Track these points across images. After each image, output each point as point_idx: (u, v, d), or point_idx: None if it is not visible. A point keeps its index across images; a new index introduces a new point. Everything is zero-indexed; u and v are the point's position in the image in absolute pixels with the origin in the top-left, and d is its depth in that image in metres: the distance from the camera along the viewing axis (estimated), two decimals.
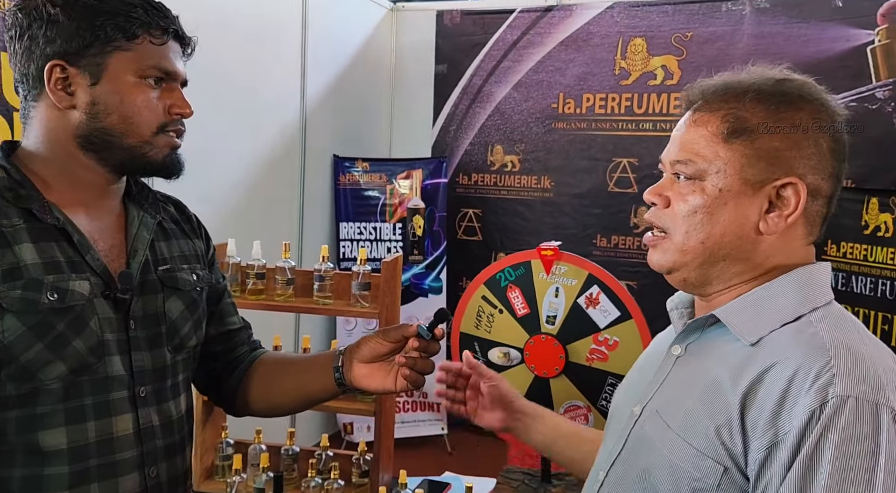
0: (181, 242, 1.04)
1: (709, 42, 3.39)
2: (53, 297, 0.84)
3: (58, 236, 0.87)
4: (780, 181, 0.77)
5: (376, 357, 1.00)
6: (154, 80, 0.91)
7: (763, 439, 0.70)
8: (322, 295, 1.78)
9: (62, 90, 0.88)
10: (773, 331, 0.76)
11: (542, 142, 3.74)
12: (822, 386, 0.68)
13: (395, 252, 3.59)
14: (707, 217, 0.79)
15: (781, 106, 0.77)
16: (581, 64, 3.63)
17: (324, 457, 1.77)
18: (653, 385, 0.85)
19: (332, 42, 3.47)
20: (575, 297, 1.84)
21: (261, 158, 3.02)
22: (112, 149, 0.91)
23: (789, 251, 0.79)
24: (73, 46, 0.87)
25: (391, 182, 3.63)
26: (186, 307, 0.99)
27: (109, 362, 0.88)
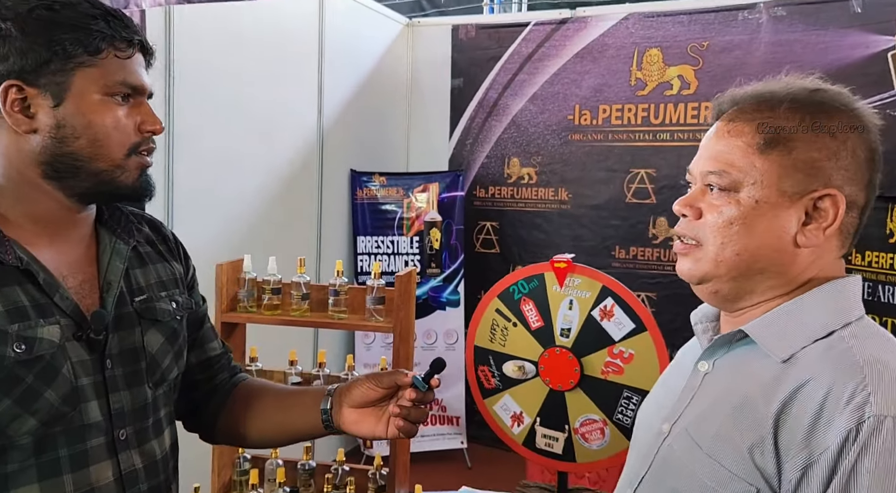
0: (158, 266, 0.97)
1: (725, 51, 3.37)
2: (21, 349, 0.76)
3: (21, 278, 0.79)
4: (818, 193, 0.75)
5: (367, 403, 0.96)
6: (121, 96, 0.83)
7: (797, 459, 0.68)
8: (337, 310, 1.78)
9: (20, 112, 0.79)
10: (804, 347, 0.74)
11: (559, 154, 3.73)
12: (858, 405, 0.66)
13: (412, 266, 3.60)
14: (744, 229, 0.77)
15: (818, 116, 0.76)
16: (597, 75, 3.63)
17: (340, 472, 1.77)
18: (681, 402, 0.84)
19: (348, 58, 3.51)
20: (589, 309, 1.83)
21: (279, 174, 3.05)
22: (79, 175, 0.82)
23: (823, 264, 0.78)
24: (29, 64, 0.78)
25: (408, 196, 3.64)
26: (167, 339, 0.93)
27: (85, 408, 0.81)
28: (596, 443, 1.80)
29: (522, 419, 1.92)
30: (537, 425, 1.89)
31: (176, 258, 1.01)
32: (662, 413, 0.86)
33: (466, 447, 3.68)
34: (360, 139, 3.67)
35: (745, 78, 3.18)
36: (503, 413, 1.93)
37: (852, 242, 0.80)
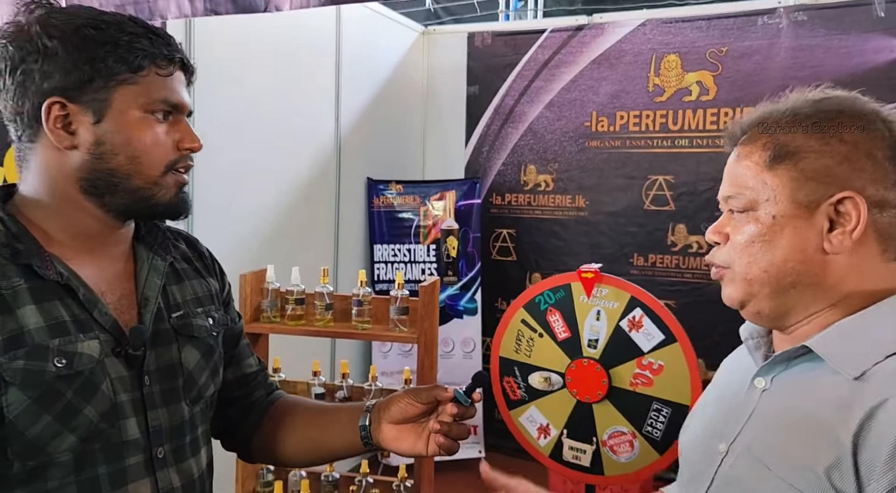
0: (194, 282, 0.96)
1: (745, 56, 3.34)
2: (61, 363, 0.76)
3: (61, 293, 0.79)
4: (834, 198, 0.74)
5: (407, 419, 0.94)
6: (161, 114, 0.83)
7: (882, 480, 0.67)
8: (361, 320, 1.77)
9: (62, 129, 0.79)
10: (877, 363, 0.72)
11: (576, 160, 3.71)
12: None
13: (429, 274, 3.59)
14: (765, 245, 0.77)
15: (822, 124, 0.76)
16: (614, 82, 3.61)
17: (364, 483, 1.76)
18: (738, 421, 0.82)
19: (365, 66, 3.52)
20: (617, 320, 1.81)
21: (296, 183, 3.06)
22: (117, 192, 0.82)
23: (865, 270, 0.76)
24: (72, 81, 0.78)
25: (425, 204, 3.64)
26: (203, 356, 0.92)
27: (124, 425, 0.81)
28: (625, 456, 1.78)
29: (549, 431, 1.90)
30: (564, 437, 1.87)
31: (212, 274, 1.01)
32: (716, 432, 0.84)
33: (484, 457, 3.66)
34: (376, 148, 3.68)
35: (765, 83, 3.18)
36: (529, 425, 1.91)
37: None
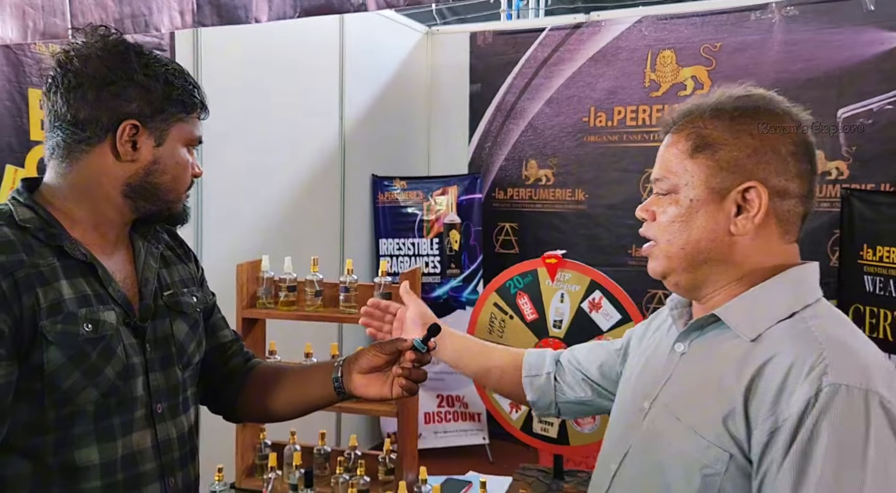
0: (179, 267, 1.12)
1: (738, 51, 3.41)
2: (88, 328, 0.91)
3: (85, 272, 0.94)
4: (741, 186, 0.84)
5: (373, 368, 1.07)
6: (190, 146, 1.05)
7: (765, 425, 0.76)
8: (348, 305, 1.91)
9: (129, 145, 0.97)
10: (769, 327, 0.83)
11: (575, 155, 3.81)
12: (817, 376, 0.75)
13: (433, 267, 3.73)
14: (683, 225, 0.87)
15: (737, 120, 0.86)
16: (611, 78, 3.70)
17: (352, 456, 1.90)
18: (659, 381, 0.92)
19: (369, 67, 3.65)
20: (579, 302, 1.92)
21: (302, 180, 3.21)
22: (153, 201, 1.01)
23: (767, 250, 0.86)
24: (149, 110, 0.97)
25: (428, 199, 3.77)
26: (190, 328, 1.08)
27: (133, 383, 0.96)
28: (587, 427, 1.89)
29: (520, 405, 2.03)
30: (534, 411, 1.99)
31: (190, 260, 1.17)
32: (643, 392, 0.94)
33: (488, 443, 3.78)
34: (381, 145, 3.81)
35: (758, 77, 3.29)
36: (503, 401, 2.04)
37: (800, 229, 0.89)
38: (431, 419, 3.78)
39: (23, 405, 0.87)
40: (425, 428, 3.74)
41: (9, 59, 2.03)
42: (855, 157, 3.18)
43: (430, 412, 3.78)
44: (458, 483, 1.95)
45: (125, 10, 1.54)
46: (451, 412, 3.80)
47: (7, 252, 0.88)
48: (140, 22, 1.53)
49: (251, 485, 1.98)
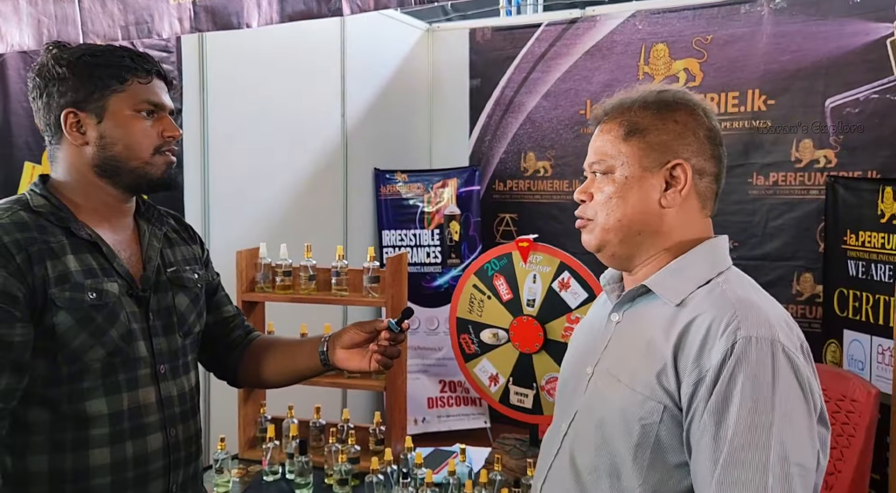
0: (182, 248, 1.25)
1: (729, 44, 3.48)
2: (93, 296, 1.04)
3: (91, 249, 1.08)
4: (670, 164, 0.97)
5: (354, 344, 1.23)
6: (146, 112, 1.11)
7: (690, 377, 0.88)
8: (339, 288, 2.06)
9: (76, 131, 1.08)
10: (691, 293, 0.95)
11: (572, 147, 3.91)
12: (732, 331, 0.86)
13: (434, 257, 3.86)
14: (620, 200, 0.98)
15: (662, 110, 1.00)
16: (606, 71, 3.79)
17: (345, 428, 2.04)
18: (599, 348, 1.03)
19: (370, 65, 3.78)
20: (549, 282, 2.05)
21: (306, 175, 3.35)
22: (120, 172, 1.10)
23: (689, 222, 0.99)
24: (80, 96, 1.07)
25: (428, 191, 3.90)
26: (191, 301, 1.21)
27: (136, 346, 1.09)
28: None
29: (498, 379, 2.16)
30: (510, 384, 2.13)
31: (195, 242, 1.32)
32: (585, 359, 1.05)
33: (490, 427, 3.91)
34: (383, 140, 3.95)
35: (748, 69, 3.41)
36: (482, 375, 2.18)
37: (714, 205, 1.02)
38: (434, 404, 3.92)
39: (40, 361, 1.02)
40: (429, 413, 3.88)
41: (26, 64, 2.20)
42: (842, 145, 3.24)
43: (434, 397, 3.92)
44: (446, 453, 2.09)
45: (130, 18, 1.69)
46: (453, 396, 3.94)
47: (22, 231, 1.03)
48: (143, 29, 1.68)
49: (252, 455, 2.13)
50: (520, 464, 1.87)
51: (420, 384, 3.84)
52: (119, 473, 1.07)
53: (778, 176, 3.41)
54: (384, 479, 1.77)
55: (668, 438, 0.90)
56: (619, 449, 0.93)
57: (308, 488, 1.90)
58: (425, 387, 3.89)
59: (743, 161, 3.46)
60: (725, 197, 3.96)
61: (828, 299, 3.04)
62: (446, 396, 3.94)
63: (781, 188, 3.40)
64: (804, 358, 0.90)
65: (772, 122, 3.40)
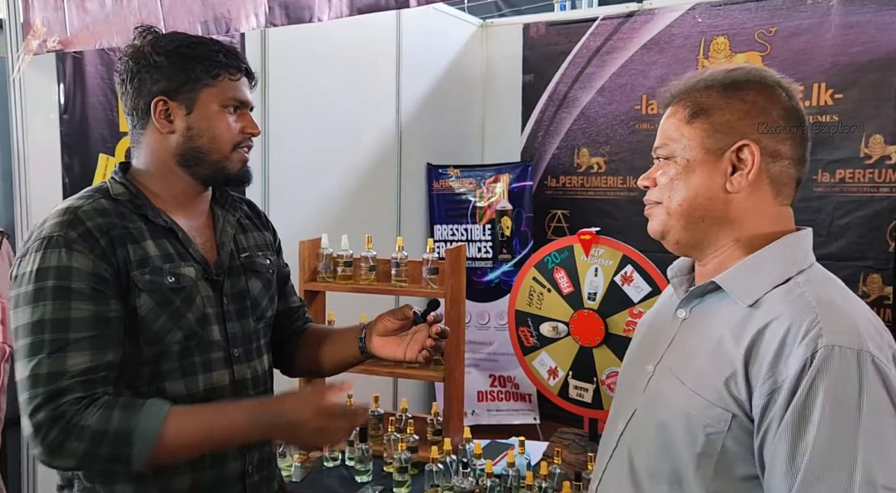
0: (255, 234, 1.28)
1: (794, 36, 3.37)
2: (172, 279, 1.08)
3: (168, 235, 1.11)
4: (735, 145, 0.89)
5: (388, 332, 1.23)
6: (232, 108, 1.14)
7: (764, 386, 0.80)
8: (399, 279, 2.08)
9: (164, 119, 1.11)
10: (766, 293, 0.87)
11: (627, 143, 3.85)
12: (813, 338, 0.78)
13: (485, 252, 3.86)
14: (681, 183, 0.93)
15: (729, 88, 0.93)
16: (663, 65, 3.72)
17: (403, 418, 2.07)
18: (662, 346, 0.96)
19: (425, 60, 3.80)
20: (612, 275, 2.03)
21: (360, 169, 3.40)
22: (201, 164, 1.13)
23: (760, 210, 0.91)
24: (172, 85, 1.10)
25: (480, 186, 3.90)
26: (263, 286, 1.23)
27: (210, 330, 1.12)
28: None
29: (557, 372, 2.15)
30: (570, 377, 2.12)
31: (268, 229, 1.35)
32: (646, 356, 0.99)
33: (539, 424, 3.89)
34: (436, 135, 3.97)
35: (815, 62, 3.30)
36: (541, 368, 2.17)
37: (794, 191, 0.93)
38: (484, 398, 3.93)
39: (126, 342, 1.06)
40: (478, 406, 3.89)
41: (102, 60, 2.29)
42: None
43: (484, 391, 3.92)
44: (502, 446, 2.09)
45: (209, 14, 1.75)
46: (502, 391, 3.94)
47: (104, 216, 1.07)
48: (222, 24, 1.73)
49: None
50: (580, 458, 1.85)
51: (471, 378, 3.84)
52: (197, 471, 1.10)
53: (845, 173, 3.29)
54: (443, 468, 1.79)
55: (737, 449, 0.84)
56: (681, 456, 0.87)
57: (368, 475, 1.92)
58: (476, 381, 3.89)
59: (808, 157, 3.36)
60: None
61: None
62: (496, 390, 3.94)
63: (849, 185, 3.28)
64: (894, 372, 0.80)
65: (839, 116, 3.28)
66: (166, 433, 0.99)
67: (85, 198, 1.10)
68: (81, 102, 2.24)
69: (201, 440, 1.04)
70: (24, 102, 2.09)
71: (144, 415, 0.99)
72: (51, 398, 0.97)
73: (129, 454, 0.98)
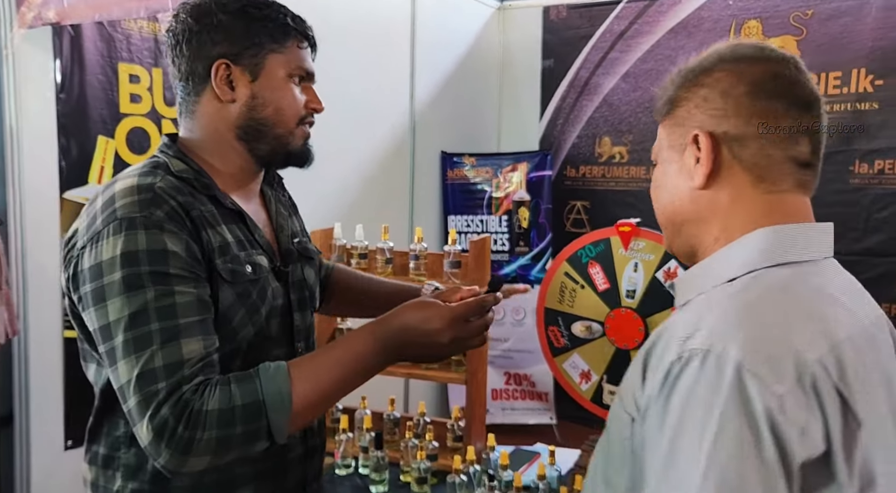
0: (296, 217, 1.18)
1: (832, 19, 3.20)
2: (250, 269, 0.96)
3: (236, 219, 0.99)
4: (688, 138, 0.78)
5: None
6: (298, 78, 1.02)
7: (646, 390, 0.71)
8: (418, 273, 1.93)
9: (226, 85, 0.98)
10: (700, 294, 0.76)
11: (651, 132, 3.66)
12: (683, 340, 0.67)
13: (501, 244, 3.71)
14: (659, 189, 0.85)
15: (695, 76, 0.80)
16: (692, 50, 3.54)
17: (421, 422, 1.92)
18: None
19: (440, 43, 3.64)
20: (654, 271, 1.86)
21: (373, 157, 3.25)
22: (264, 138, 1.00)
23: (741, 202, 0.77)
24: (235, 48, 0.97)
25: (497, 176, 3.74)
26: (315, 273, 1.14)
27: (274, 324, 1.00)
28: None
29: (590, 376, 1.99)
30: (604, 382, 1.96)
31: (297, 211, 1.23)
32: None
33: (556, 424, 3.75)
34: (451, 122, 3.81)
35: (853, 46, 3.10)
36: (572, 371, 2.01)
37: (796, 174, 0.76)
38: (499, 396, 3.79)
39: None
40: (493, 404, 3.75)
41: (101, 36, 2.14)
42: None
43: (498, 389, 3.78)
44: (527, 453, 1.94)
45: None
46: (518, 390, 3.80)
47: (181, 194, 0.93)
48: None
49: None
50: None
51: None
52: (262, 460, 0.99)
53: (885, 163, 3.12)
54: (467, 480, 1.64)
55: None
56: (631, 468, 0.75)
57: (384, 484, 1.79)
58: (490, 378, 3.71)
59: (844, 147, 3.19)
60: (822, 186, 3.69)
61: None
62: (511, 389, 3.80)
63: (888, 177, 3.11)
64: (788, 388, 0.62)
65: (879, 104, 3.11)
66: (297, 389, 0.88)
67: (150, 174, 0.94)
68: (80, 81, 2.09)
69: (333, 383, 0.92)
70: (18, 80, 1.95)
71: (266, 379, 0.87)
72: (172, 392, 0.84)
73: (265, 425, 0.86)
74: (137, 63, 2.23)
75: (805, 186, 0.78)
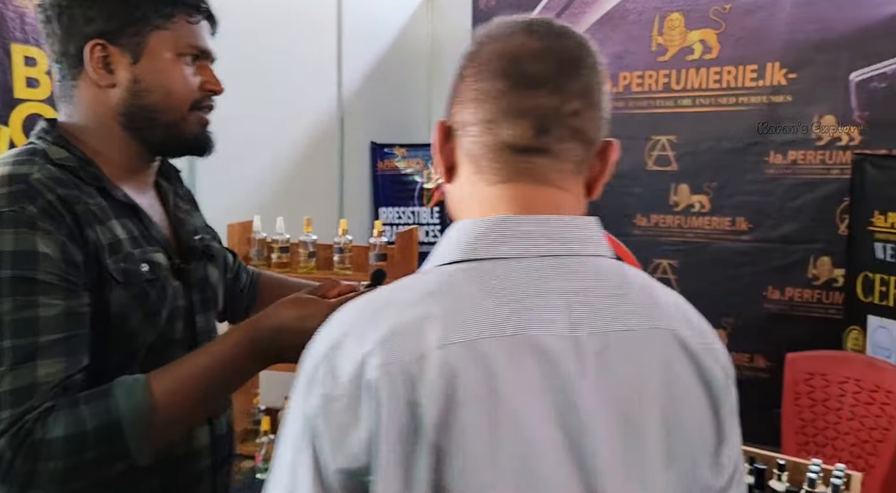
0: (197, 213, 1.09)
1: (749, 13, 3.30)
2: (146, 268, 0.87)
3: (128, 212, 0.89)
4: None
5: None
6: (190, 57, 0.92)
7: None
8: (342, 267, 1.86)
9: (103, 69, 0.87)
10: None
11: None
12: None
13: (433, 236, 3.67)
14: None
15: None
16: (617, 42, 3.59)
17: None
18: None
19: (367, 32, 3.56)
20: None
21: (299, 147, 3.14)
22: (152, 126, 0.90)
23: (474, 195, 0.69)
24: (112, 26, 0.86)
25: (428, 167, 3.69)
26: (220, 273, 1.06)
27: (176, 326, 0.93)
28: None
29: None
30: None
31: (197, 208, 1.13)
32: None
33: None
34: (381, 112, 3.73)
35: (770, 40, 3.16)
36: None
37: (500, 163, 0.67)
38: None
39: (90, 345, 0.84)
40: None
41: None
42: (868, 122, 3.08)
43: None
44: None
45: None
46: None
47: (63, 187, 0.82)
48: None
49: (245, 451, 1.95)
50: None
51: None
52: (168, 472, 0.91)
53: (797, 154, 3.25)
54: None
55: None
56: None
57: None
58: None
59: (759, 139, 3.30)
60: (740, 176, 3.89)
61: (850, 283, 2.89)
62: None
63: (801, 168, 3.24)
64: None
65: (792, 96, 3.23)
66: (158, 402, 0.79)
67: (25, 162, 0.83)
68: None
69: (200, 394, 0.83)
70: None
71: (122, 395, 0.78)
72: (14, 423, 0.74)
73: (124, 444, 0.78)
74: (33, 44, 2.05)
75: (530, 174, 0.66)
